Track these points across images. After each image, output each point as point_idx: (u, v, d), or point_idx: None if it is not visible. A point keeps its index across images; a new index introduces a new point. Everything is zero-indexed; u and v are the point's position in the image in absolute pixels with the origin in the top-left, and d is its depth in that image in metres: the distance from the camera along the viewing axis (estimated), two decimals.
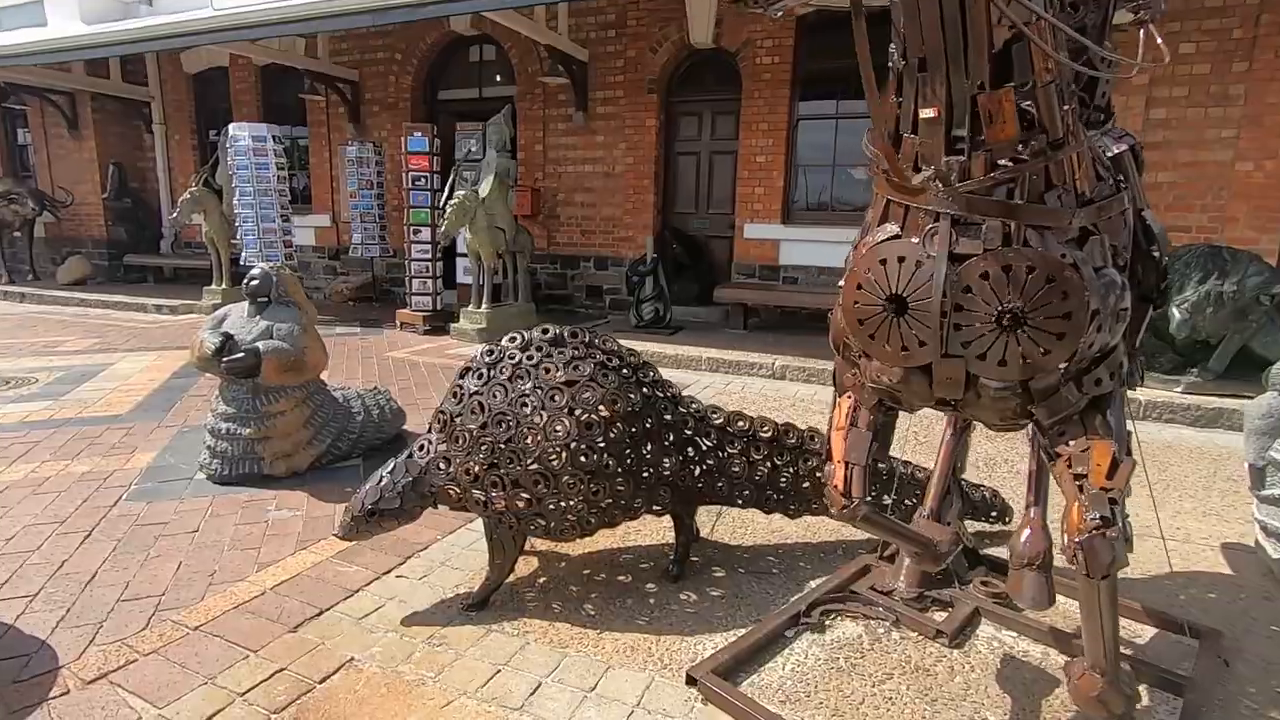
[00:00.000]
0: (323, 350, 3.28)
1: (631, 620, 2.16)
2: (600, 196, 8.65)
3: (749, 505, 2.50)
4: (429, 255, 7.38)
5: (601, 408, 2.11)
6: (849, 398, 1.71)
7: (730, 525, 2.85)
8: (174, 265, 11.13)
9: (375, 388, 3.84)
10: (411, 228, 7.34)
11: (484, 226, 6.87)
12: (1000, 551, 2.54)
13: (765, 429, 2.50)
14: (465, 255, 7.73)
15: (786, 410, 4.71)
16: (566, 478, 2.06)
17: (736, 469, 2.44)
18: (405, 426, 3.91)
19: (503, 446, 2.05)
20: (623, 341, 2.46)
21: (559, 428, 2.05)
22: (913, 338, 1.41)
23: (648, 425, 2.23)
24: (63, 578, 2.31)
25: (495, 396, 2.09)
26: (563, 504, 2.09)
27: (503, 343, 2.23)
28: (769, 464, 2.47)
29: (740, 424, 2.48)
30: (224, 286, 8.65)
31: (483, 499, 2.10)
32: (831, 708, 1.80)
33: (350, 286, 9.61)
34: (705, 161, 8.39)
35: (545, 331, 2.24)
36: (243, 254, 7.93)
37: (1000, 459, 3.75)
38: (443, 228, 6.62)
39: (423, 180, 7.21)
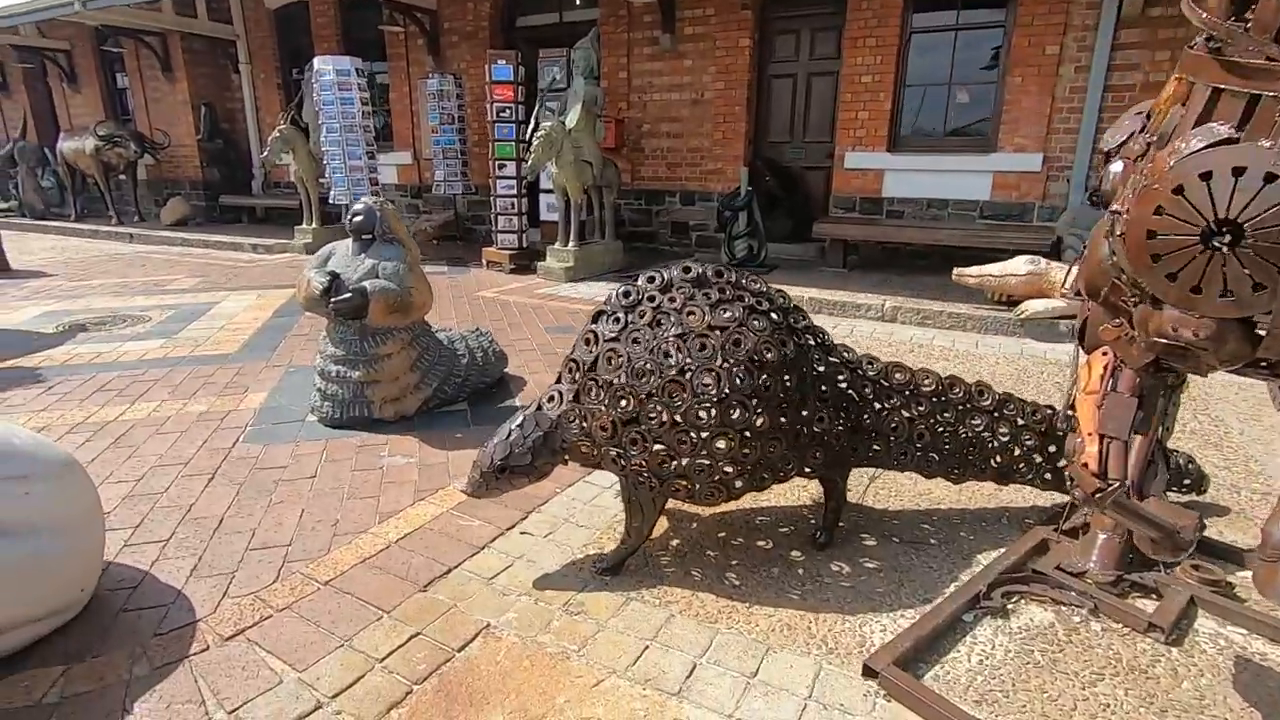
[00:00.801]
0: (428, 290, 3.12)
1: (783, 594, 1.95)
2: (688, 126, 8.15)
3: (907, 468, 2.21)
4: (514, 191, 7.16)
5: (754, 357, 1.84)
6: (1105, 355, 1.38)
7: (876, 489, 2.57)
8: (265, 205, 11.35)
9: (477, 329, 3.69)
10: (496, 162, 7.11)
11: (570, 160, 6.57)
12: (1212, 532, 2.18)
13: (928, 382, 2.18)
14: (550, 191, 7.48)
15: (905, 357, 4.32)
16: (714, 436, 1.82)
17: (895, 427, 2.15)
18: (507, 370, 3.77)
19: (643, 400, 1.82)
20: None
21: (707, 380, 1.80)
22: (1244, 280, 1.06)
23: (801, 377, 1.95)
24: (192, 522, 2.28)
25: (634, 344, 1.85)
26: (709, 464, 1.86)
27: (640, 283, 1.97)
28: (931, 422, 2.17)
29: (898, 376, 2.17)
30: (314, 226, 8.74)
31: (620, 457, 1.89)
32: (1038, 713, 1.54)
33: (434, 225, 9.55)
34: (802, 85, 7.72)
35: (687, 270, 1.97)
36: (330, 192, 7.93)
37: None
38: (528, 162, 6.36)
39: (507, 112, 6.92)
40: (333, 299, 2.86)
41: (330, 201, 8.09)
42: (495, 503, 2.41)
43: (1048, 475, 2.29)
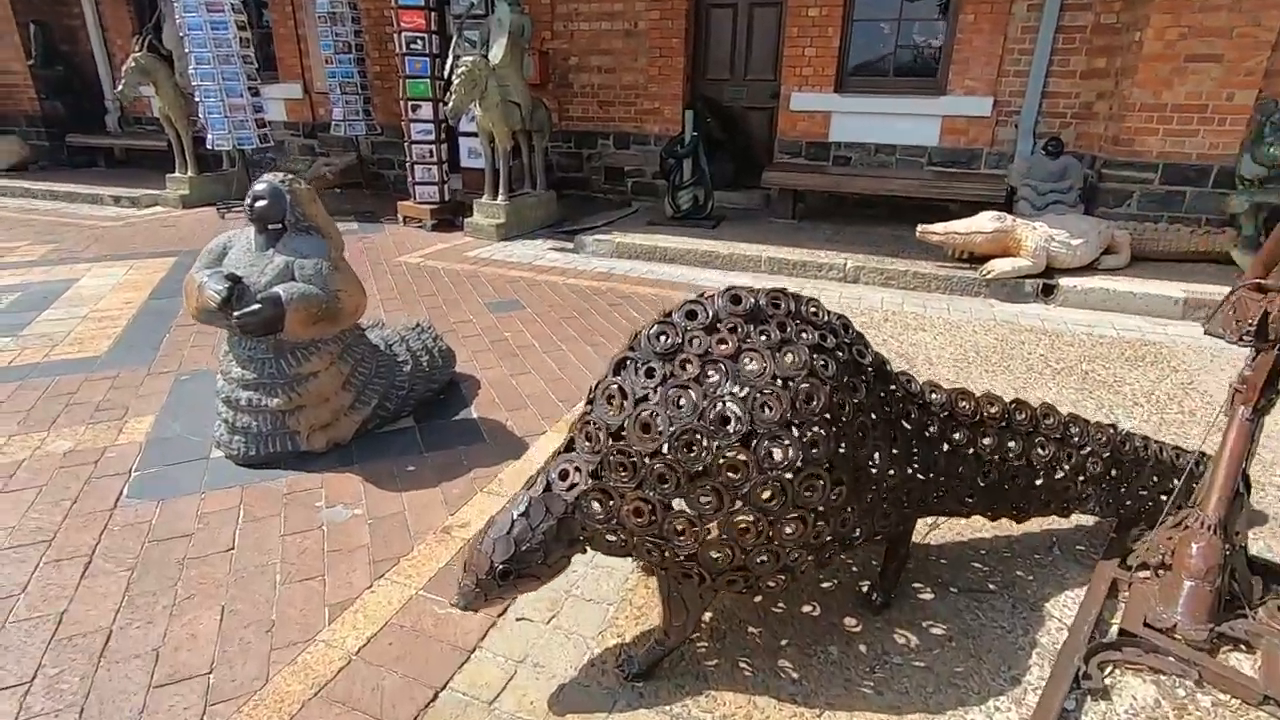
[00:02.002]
0: (360, 290, 2.51)
1: (853, 687, 1.62)
2: (620, 60, 7.43)
3: (974, 512, 1.91)
4: (432, 137, 6.30)
5: (829, 414, 1.44)
6: None
7: None
8: (125, 146, 9.76)
9: (418, 325, 3.09)
10: (408, 103, 6.19)
11: (497, 101, 5.79)
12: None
13: (993, 409, 1.86)
14: (471, 134, 6.66)
15: (880, 327, 4.06)
16: (783, 520, 1.43)
17: (963, 469, 1.82)
18: (454, 368, 3.22)
19: (692, 479, 1.39)
20: (659, 235, 1.75)
21: (776, 453, 1.39)
22: None
23: (872, 425, 1.57)
24: (64, 646, 1.69)
25: (678, 405, 1.40)
26: (776, 552, 1.47)
27: (676, 318, 1.50)
28: (999, 455, 1.86)
29: (964, 405, 1.83)
30: (190, 174, 7.51)
31: (660, 549, 1.47)
32: None
33: (334, 170, 8.46)
34: (744, 16, 7.12)
35: (736, 301, 1.51)
36: (209, 136, 6.75)
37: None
38: (449, 105, 5.54)
39: (419, 43, 5.98)
40: (236, 313, 2.22)
41: (209, 146, 6.91)
42: None
43: (1111, 503, 2.05)
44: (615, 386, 1.48)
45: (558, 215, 6.86)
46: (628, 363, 1.49)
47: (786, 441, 1.39)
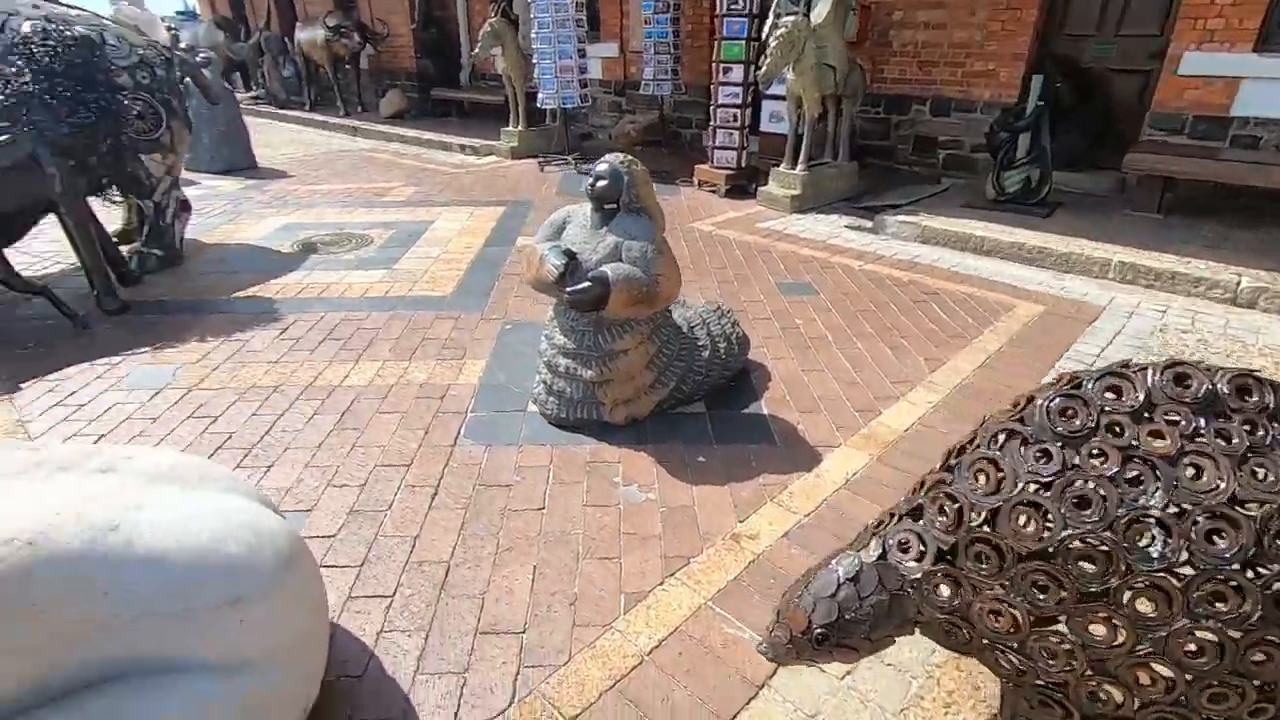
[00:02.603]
0: (678, 276, 2.51)
1: None
2: (953, 14, 6.55)
3: None
4: (739, 101, 6.20)
5: None
6: None
7: None
8: (472, 100, 11.26)
9: (718, 308, 3.06)
10: (720, 65, 6.14)
11: (811, 64, 5.47)
12: None
13: None
14: (778, 97, 6.42)
15: None
16: (1209, 685, 1.08)
17: None
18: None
19: (1084, 598, 1.11)
20: (976, 222, 1.32)
21: (1221, 603, 1.04)
22: None
23: None
24: (417, 570, 1.98)
25: (1081, 506, 1.12)
26: (1184, 713, 1.13)
27: (1090, 391, 1.19)
28: None
29: None
30: (520, 128, 8.40)
31: (1018, 665, 1.22)
32: None
33: (637, 128, 8.86)
34: None
35: (1183, 381, 1.15)
36: (540, 94, 7.45)
37: None
38: (762, 69, 5.36)
39: (740, 2, 5.85)
40: (568, 289, 2.35)
41: (538, 104, 7.64)
42: (762, 593, 1.86)
43: None
44: (988, 461, 1.23)
45: (858, 188, 6.40)
46: (1013, 437, 1.23)
47: (1238, 585, 1.04)
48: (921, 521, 1.31)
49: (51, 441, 1.38)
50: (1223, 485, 1.06)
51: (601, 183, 2.45)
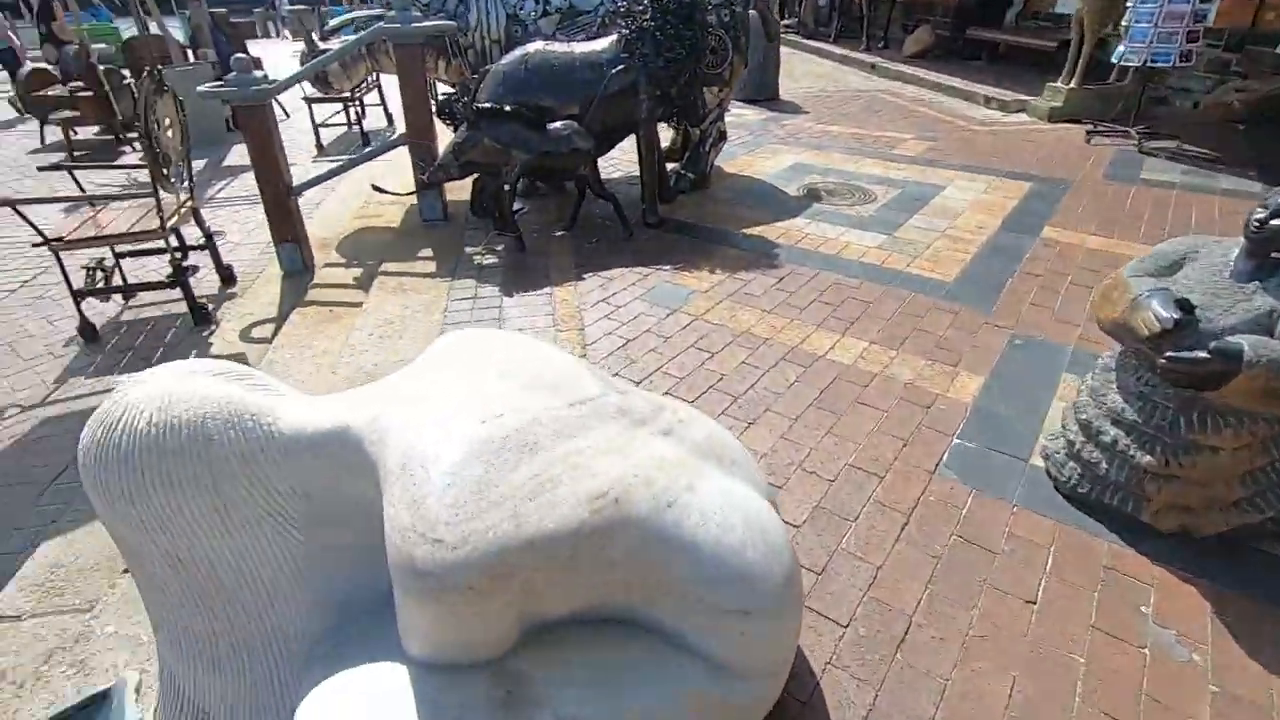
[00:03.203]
0: None
1: None
2: None
3: None
4: None
5: None
6: None
7: None
8: (1012, 42, 9.80)
9: None
10: None
11: None
12: None
13: None
14: None
15: None
16: None
17: None
18: None
19: None
20: None
21: None
22: None
23: None
24: (874, 608, 1.81)
25: None
26: None
27: None
28: None
29: None
30: (1071, 84, 6.99)
31: None
32: None
33: (1247, 99, 6.58)
34: None
35: None
36: (1120, 47, 5.99)
37: None
38: None
39: None
40: (1171, 354, 1.76)
41: (1114, 59, 6.18)
42: None
43: None
44: None
45: None
46: None
47: None
48: None
49: (629, 389, 1.52)
50: None
51: (1277, 221, 1.72)
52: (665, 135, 5.49)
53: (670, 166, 5.11)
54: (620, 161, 5.72)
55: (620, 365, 2.91)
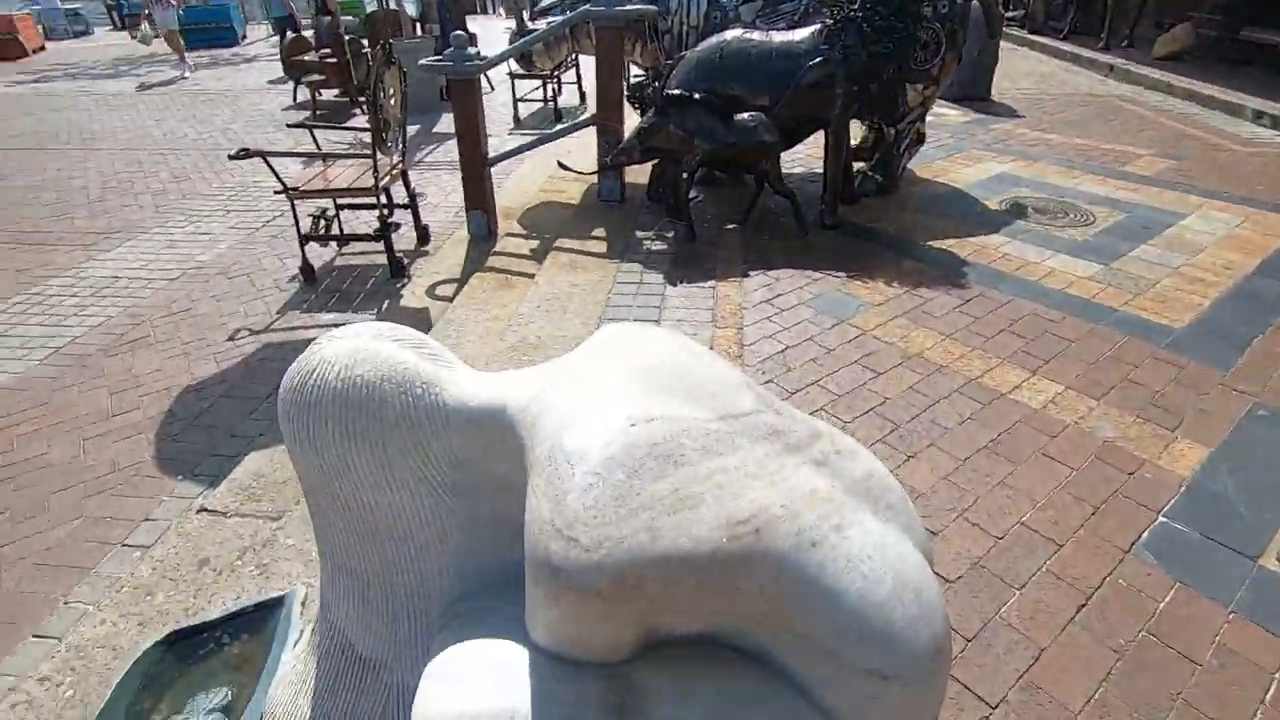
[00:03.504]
0: None
1: None
2: None
3: None
4: None
5: None
6: None
7: None
8: None
9: None
10: None
11: None
12: None
13: None
14: None
15: None
16: None
17: None
18: None
19: None
20: None
21: None
22: None
23: None
24: (1030, 695, 1.59)
25: None
26: None
27: None
28: None
29: None
30: None
31: None
32: None
33: None
34: None
35: None
36: None
37: None
38: None
39: None
40: None
41: None
42: None
43: None
44: None
45: None
46: None
47: None
48: None
49: (788, 410, 1.43)
50: None
51: None
52: (856, 132, 5.19)
53: (857, 166, 4.83)
54: (803, 157, 5.49)
55: (775, 372, 2.80)
